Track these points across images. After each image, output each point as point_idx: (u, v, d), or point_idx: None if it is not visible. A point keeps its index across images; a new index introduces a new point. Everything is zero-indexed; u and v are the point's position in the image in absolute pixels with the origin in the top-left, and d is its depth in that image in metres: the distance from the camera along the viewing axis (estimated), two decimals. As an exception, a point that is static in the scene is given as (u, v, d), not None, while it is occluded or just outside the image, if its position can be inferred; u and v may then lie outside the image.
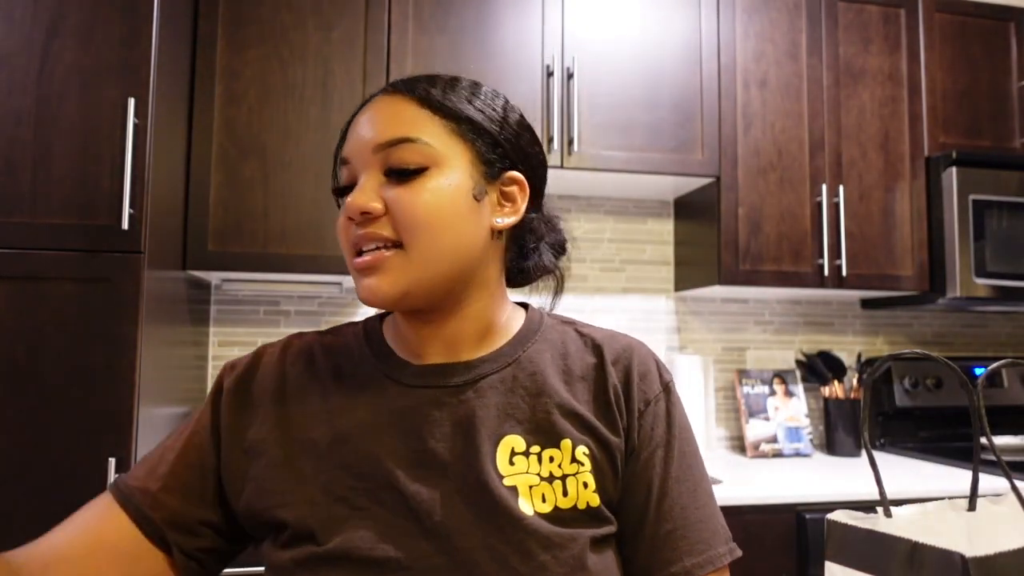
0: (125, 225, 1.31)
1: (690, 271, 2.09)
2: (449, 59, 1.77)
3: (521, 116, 0.65)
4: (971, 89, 2.10)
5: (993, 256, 1.95)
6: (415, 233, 0.56)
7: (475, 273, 0.61)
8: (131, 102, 1.33)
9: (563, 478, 0.57)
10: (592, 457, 0.59)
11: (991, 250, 1.95)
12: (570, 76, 1.81)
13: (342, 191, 0.61)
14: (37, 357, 1.29)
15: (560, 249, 0.70)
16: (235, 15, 1.69)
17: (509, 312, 0.67)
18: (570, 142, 1.80)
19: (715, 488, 1.54)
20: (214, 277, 1.83)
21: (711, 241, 1.92)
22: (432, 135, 0.58)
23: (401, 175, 0.57)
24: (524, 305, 0.71)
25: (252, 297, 1.96)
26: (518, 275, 0.69)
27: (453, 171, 0.58)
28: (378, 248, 0.56)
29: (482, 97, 0.62)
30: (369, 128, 0.59)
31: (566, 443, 0.58)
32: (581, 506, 0.57)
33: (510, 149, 0.62)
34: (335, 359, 0.65)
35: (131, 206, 1.33)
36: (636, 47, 1.88)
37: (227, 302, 1.94)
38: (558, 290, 0.72)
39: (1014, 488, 0.61)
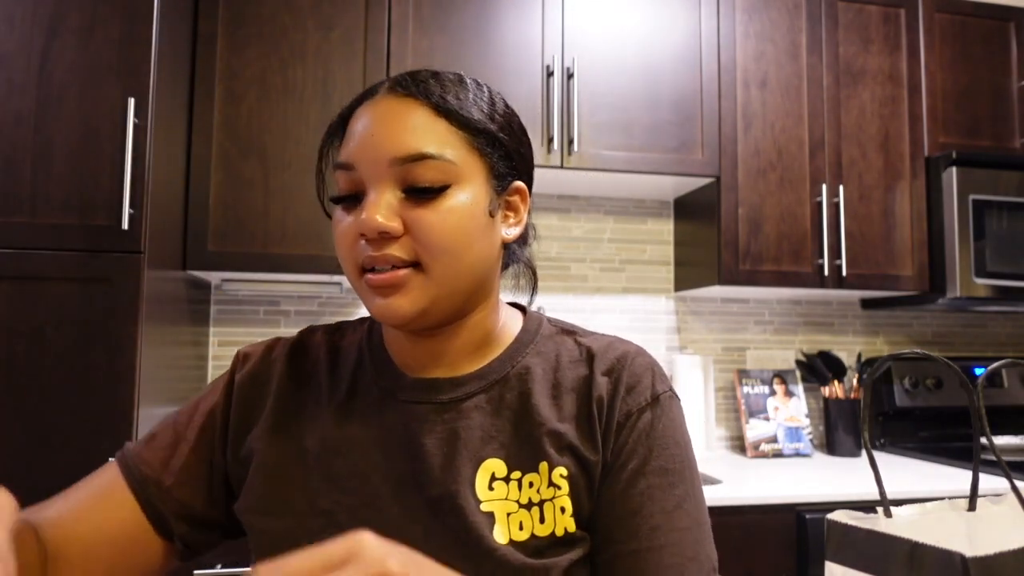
0: (125, 225, 1.31)
1: (690, 271, 2.09)
2: (449, 59, 1.77)
3: (518, 117, 0.63)
4: (971, 89, 2.10)
5: (993, 256, 1.95)
6: (437, 255, 0.53)
7: (482, 286, 0.60)
8: (131, 102, 1.33)
9: (540, 504, 0.55)
10: (570, 478, 0.57)
11: (991, 250, 1.95)
12: (570, 76, 1.81)
13: (341, 199, 0.57)
14: (37, 357, 1.29)
15: (525, 240, 0.68)
16: (235, 15, 1.69)
17: (504, 318, 0.65)
18: (570, 142, 1.80)
19: (715, 488, 1.54)
20: (214, 277, 1.83)
21: (711, 241, 1.92)
22: (452, 150, 0.54)
23: (422, 194, 0.53)
24: (522, 308, 0.69)
25: (252, 297, 1.96)
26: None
27: (471, 187, 0.55)
28: (393, 268, 0.54)
29: (491, 103, 0.59)
30: (382, 136, 0.54)
31: (543, 466, 0.56)
32: (559, 533, 0.55)
33: (518, 160, 0.61)
34: (337, 366, 0.65)
35: (131, 206, 1.33)
36: (636, 47, 1.88)
37: (227, 302, 1.94)
38: (534, 283, 0.70)
39: (1014, 488, 0.61)
